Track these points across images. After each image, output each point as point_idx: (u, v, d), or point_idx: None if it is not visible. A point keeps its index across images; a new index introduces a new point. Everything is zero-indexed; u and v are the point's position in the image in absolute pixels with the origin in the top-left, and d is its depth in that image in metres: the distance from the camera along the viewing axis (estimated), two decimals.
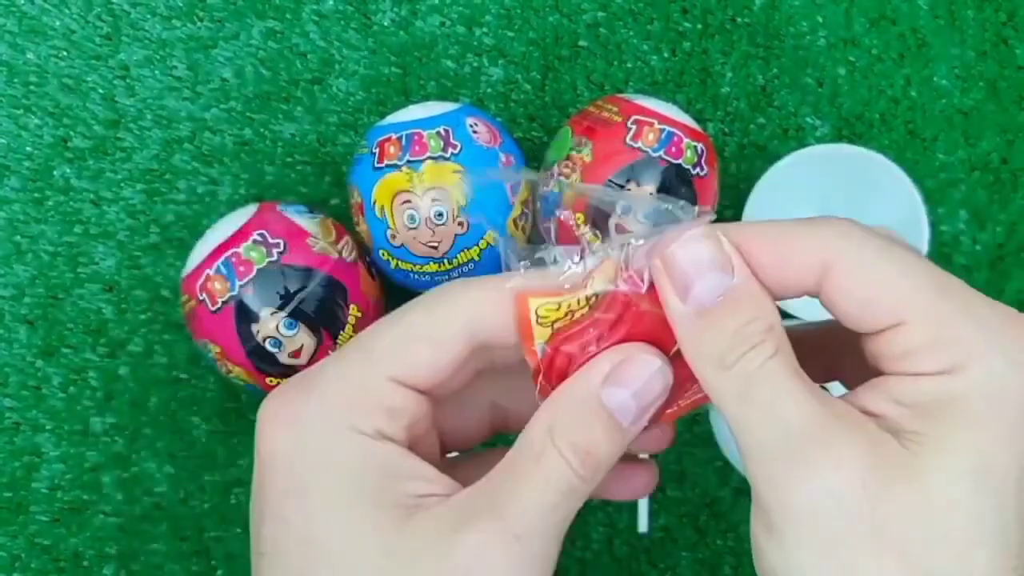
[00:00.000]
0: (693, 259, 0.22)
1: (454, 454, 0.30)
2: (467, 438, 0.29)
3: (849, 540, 0.20)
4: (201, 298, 0.38)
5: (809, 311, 0.42)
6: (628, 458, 0.29)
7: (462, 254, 0.40)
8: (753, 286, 0.22)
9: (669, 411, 0.25)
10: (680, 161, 0.40)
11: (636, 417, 0.23)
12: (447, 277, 0.40)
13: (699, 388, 0.24)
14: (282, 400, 0.23)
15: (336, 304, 0.39)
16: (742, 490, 0.47)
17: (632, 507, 0.46)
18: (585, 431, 0.23)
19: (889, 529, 0.20)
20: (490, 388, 0.28)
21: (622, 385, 0.23)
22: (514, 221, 0.41)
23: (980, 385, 0.21)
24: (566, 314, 0.23)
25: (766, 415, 0.21)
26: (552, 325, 0.23)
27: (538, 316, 0.23)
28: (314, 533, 0.22)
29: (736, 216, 0.46)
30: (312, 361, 0.39)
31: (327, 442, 0.22)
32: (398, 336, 0.24)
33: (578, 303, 0.23)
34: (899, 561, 0.20)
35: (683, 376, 0.24)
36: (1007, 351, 0.21)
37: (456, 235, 0.39)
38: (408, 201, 0.39)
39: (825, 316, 0.24)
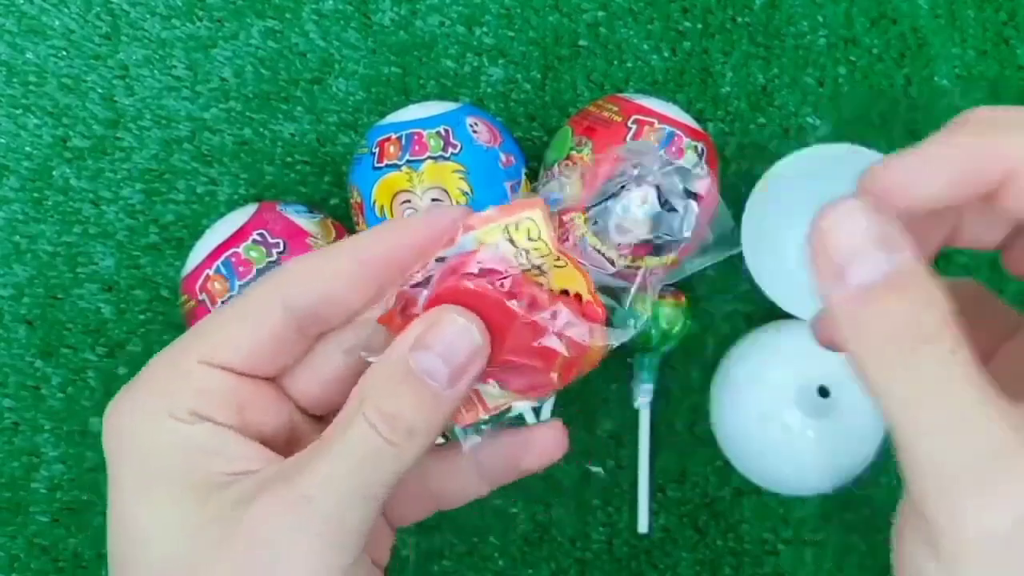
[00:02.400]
0: (851, 236, 0.19)
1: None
2: (321, 390, 0.27)
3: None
4: (201, 298, 0.38)
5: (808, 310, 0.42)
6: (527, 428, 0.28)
7: None
8: (921, 268, 0.19)
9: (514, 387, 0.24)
10: (680, 161, 0.40)
11: (449, 379, 0.22)
12: None
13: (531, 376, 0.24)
14: (118, 394, 0.24)
15: None
16: (742, 490, 0.47)
17: (632, 507, 0.46)
18: (393, 397, 0.22)
19: None
20: (333, 338, 0.27)
21: (428, 347, 0.22)
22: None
23: None
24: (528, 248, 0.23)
25: (948, 431, 0.18)
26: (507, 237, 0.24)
27: (516, 225, 0.24)
28: (125, 516, 0.22)
29: (735, 217, 0.46)
30: None
31: (139, 428, 0.23)
32: (214, 318, 0.24)
33: (548, 251, 0.24)
34: None
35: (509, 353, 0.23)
36: None
37: None
38: (408, 201, 0.39)
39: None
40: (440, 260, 0.23)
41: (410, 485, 0.26)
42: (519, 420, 0.26)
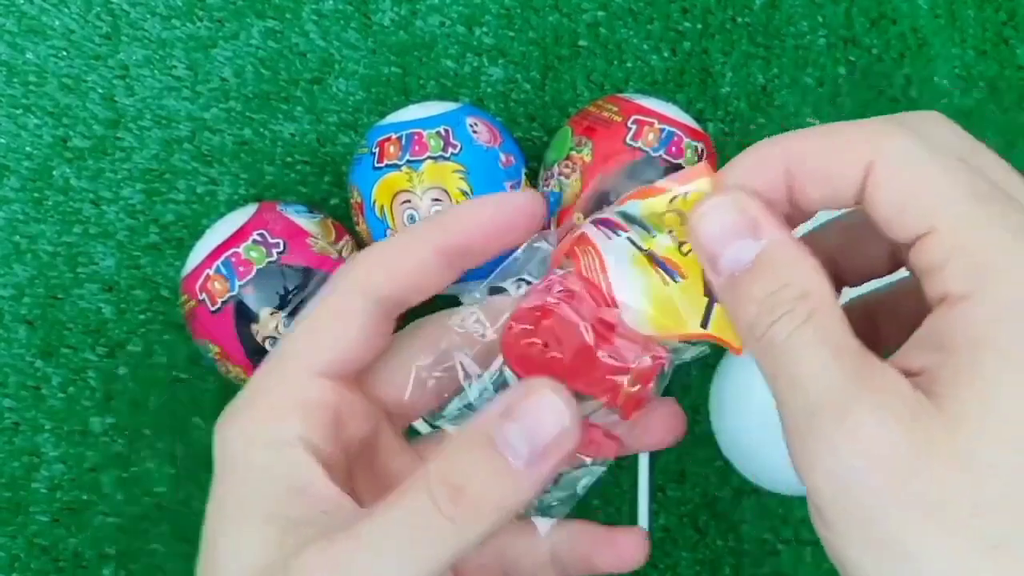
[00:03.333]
0: (714, 229, 0.21)
1: (428, 431, 0.29)
2: (419, 406, 0.27)
3: (885, 517, 0.18)
4: (201, 298, 0.38)
5: None
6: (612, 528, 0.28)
7: None
8: (785, 249, 0.21)
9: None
10: (680, 161, 0.40)
11: (529, 458, 0.20)
12: None
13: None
14: (226, 411, 0.24)
15: None
16: (742, 490, 0.47)
17: (632, 507, 0.46)
18: (463, 465, 0.20)
19: (930, 500, 0.18)
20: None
21: (515, 419, 0.21)
22: None
23: (1008, 309, 0.18)
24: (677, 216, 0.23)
25: (794, 390, 0.20)
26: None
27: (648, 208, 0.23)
28: (215, 541, 0.22)
29: None
30: None
31: (245, 448, 0.23)
32: (305, 327, 0.24)
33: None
34: (950, 534, 0.18)
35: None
36: None
37: None
38: (408, 201, 0.39)
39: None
40: (582, 234, 0.23)
41: (486, 553, 0.26)
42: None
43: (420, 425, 0.30)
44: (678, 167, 0.40)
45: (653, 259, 0.23)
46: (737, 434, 0.45)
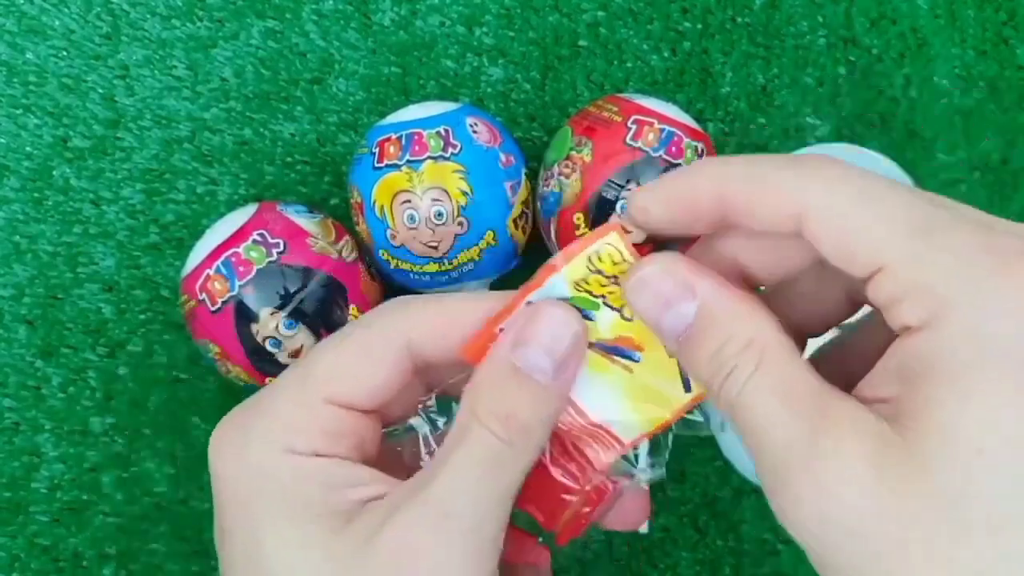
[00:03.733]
0: (650, 299, 0.22)
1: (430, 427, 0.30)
2: (401, 411, 0.28)
3: (872, 560, 0.18)
4: (201, 298, 0.38)
5: None
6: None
7: (462, 254, 0.40)
8: (720, 303, 0.21)
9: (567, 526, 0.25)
10: (680, 161, 0.40)
11: (555, 371, 0.22)
12: (447, 277, 0.40)
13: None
14: (230, 424, 0.24)
15: (336, 304, 0.39)
16: (742, 490, 0.47)
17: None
18: (503, 396, 0.22)
19: (909, 538, 0.18)
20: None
21: (530, 342, 0.22)
22: (514, 221, 0.41)
23: (962, 336, 0.18)
24: (613, 276, 0.23)
25: (758, 440, 0.20)
26: (593, 272, 0.23)
27: (597, 253, 0.23)
28: (257, 549, 0.22)
29: None
30: None
31: (266, 462, 0.23)
32: (335, 357, 0.24)
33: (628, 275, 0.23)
34: (938, 569, 0.18)
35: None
36: (996, 291, 0.18)
37: (456, 235, 0.39)
38: (408, 201, 0.39)
39: None
40: (529, 304, 0.23)
41: None
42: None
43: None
44: (678, 167, 0.40)
45: (604, 350, 0.23)
46: (737, 434, 0.45)
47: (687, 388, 0.23)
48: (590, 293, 0.23)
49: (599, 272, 0.23)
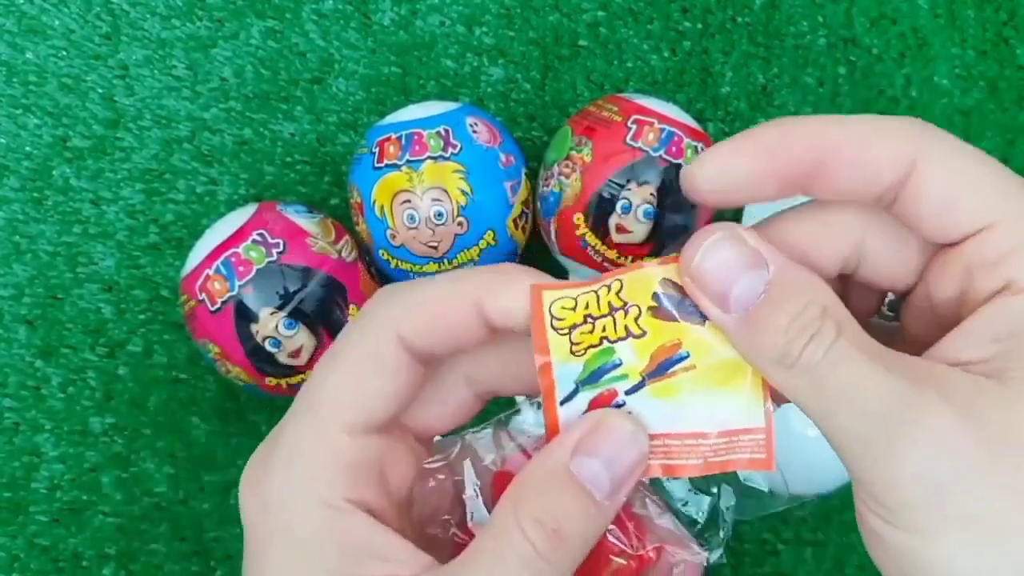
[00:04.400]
0: (720, 266, 0.21)
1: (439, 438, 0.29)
2: (450, 421, 0.27)
3: (982, 506, 0.18)
4: (200, 298, 0.38)
5: None
6: None
7: (462, 254, 0.40)
8: (794, 272, 0.21)
9: None
10: (680, 161, 0.40)
11: (611, 489, 0.21)
12: None
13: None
14: (255, 466, 0.22)
15: (335, 304, 0.39)
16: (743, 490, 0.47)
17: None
18: (552, 505, 0.20)
19: (1019, 480, 0.18)
20: (457, 368, 0.26)
21: (592, 454, 0.21)
22: (514, 221, 0.41)
23: None
24: (585, 318, 0.22)
25: (848, 405, 0.19)
26: (570, 332, 0.22)
27: (553, 317, 0.22)
28: None
29: (735, 217, 0.46)
30: (312, 361, 0.39)
31: (288, 515, 0.21)
32: (339, 379, 0.22)
33: (598, 303, 0.22)
34: None
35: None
36: None
37: (456, 235, 0.39)
38: (408, 201, 0.39)
39: None
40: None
41: None
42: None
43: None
44: (678, 167, 0.40)
45: (658, 376, 0.22)
46: None
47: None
48: (592, 347, 0.22)
49: (573, 328, 0.22)
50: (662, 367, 0.22)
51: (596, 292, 0.22)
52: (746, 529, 0.47)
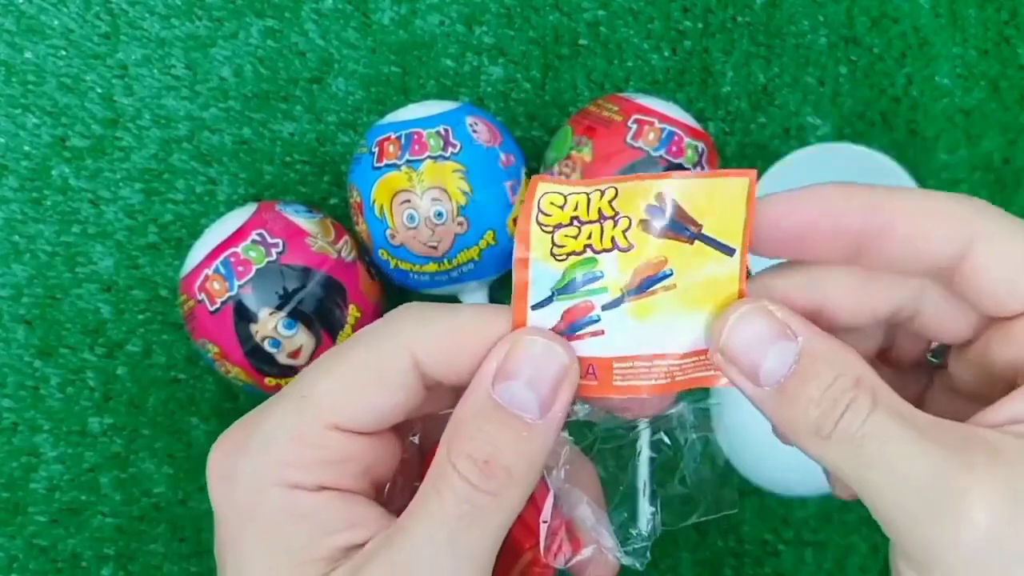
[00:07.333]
0: (749, 340, 0.21)
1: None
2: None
3: None
4: (200, 298, 0.38)
5: None
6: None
7: (462, 254, 0.40)
8: (824, 342, 0.21)
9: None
10: (681, 160, 0.39)
11: (540, 408, 0.20)
12: (447, 277, 0.40)
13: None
14: (223, 449, 0.22)
15: (335, 304, 0.39)
16: (743, 490, 0.47)
17: (632, 507, 0.46)
18: (481, 438, 0.20)
19: None
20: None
21: (512, 377, 0.20)
22: (514, 221, 0.41)
23: None
24: (572, 219, 0.21)
25: (890, 477, 0.19)
26: (554, 231, 0.21)
27: (541, 211, 0.21)
28: None
29: None
30: (311, 361, 0.39)
31: (257, 497, 0.21)
32: (339, 379, 0.22)
33: (588, 206, 0.21)
34: None
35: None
36: None
37: (456, 235, 0.39)
38: (408, 201, 0.39)
39: None
40: (533, 308, 0.21)
41: None
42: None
43: None
44: (679, 166, 0.39)
45: (639, 293, 0.21)
46: (738, 434, 0.45)
47: (728, 252, 0.21)
48: (574, 253, 0.21)
49: (558, 227, 0.21)
50: (644, 284, 0.21)
51: (588, 194, 0.21)
52: (747, 529, 0.47)
